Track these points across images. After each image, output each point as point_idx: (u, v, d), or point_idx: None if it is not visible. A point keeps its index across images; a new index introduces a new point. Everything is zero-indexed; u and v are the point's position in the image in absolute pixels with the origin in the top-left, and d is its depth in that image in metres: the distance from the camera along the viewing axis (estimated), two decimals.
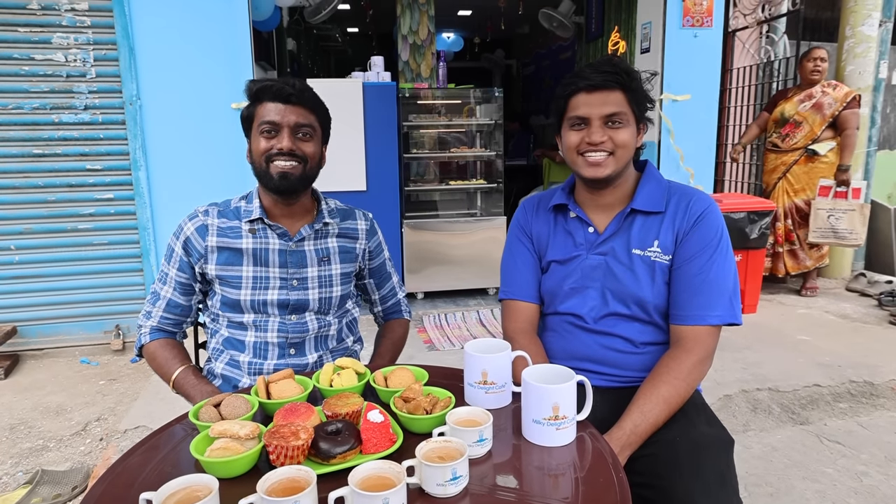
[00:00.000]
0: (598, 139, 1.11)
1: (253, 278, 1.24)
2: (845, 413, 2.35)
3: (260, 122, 1.19)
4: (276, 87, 1.19)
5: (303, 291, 1.27)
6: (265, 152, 1.20)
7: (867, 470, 1.97)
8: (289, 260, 1.26)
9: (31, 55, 2.81)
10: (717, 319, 1.10)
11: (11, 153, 2.86)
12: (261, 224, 1.25)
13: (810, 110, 3.51)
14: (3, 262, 2.93)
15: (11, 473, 2.00)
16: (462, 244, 3.70)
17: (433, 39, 4.91)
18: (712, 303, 1.10)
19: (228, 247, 1.24)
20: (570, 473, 0.83)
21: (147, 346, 1.27)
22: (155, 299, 1.28)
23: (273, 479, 0.74)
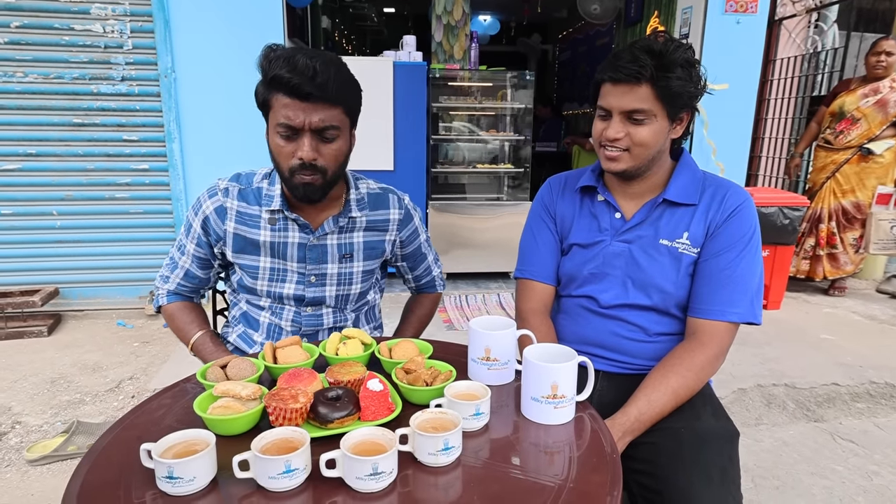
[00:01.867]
0: (612, 135, 1.07)
1: (270, 269, 1.19)
2: (862, 413, 2.31)
3: (278, 121, 1.04)
4: (294, 81, 1.00)
5: (320, 288, 1.22)
6: (287, 160, 1.07)
7: (879, 470, 1.93)
8: (308, 255, 1.19)
9: (70, 25, 2.90)
10: (737, 317, 1.07)
11: (53, 122, 2.98)
12: (281, 215, 1.17)
13: (872, 107, 3.25)
14: (46, 227, 3.09)
15: (51, 422, 2.13)
16: (486, 228, 3.68)
17: (468, 20, 4.83)
18: (734, 300, 1.07)
19: (246, 236, 1.18)
20: (564, 452, 0.83)
21: (165, 308, 1.27)
22: (173, 267, 1.26)
23: (268, 438, 0.76)
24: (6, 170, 3.00)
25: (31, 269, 3.12)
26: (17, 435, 2.07)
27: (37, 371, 2.51)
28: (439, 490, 0.75)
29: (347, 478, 0.72)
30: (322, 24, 5.16)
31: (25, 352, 2.71)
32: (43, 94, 2.95)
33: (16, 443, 2.02)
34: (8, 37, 2.87)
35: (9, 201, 3.03)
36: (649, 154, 1.09)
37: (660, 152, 1.11)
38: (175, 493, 0.71)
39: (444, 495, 0.74)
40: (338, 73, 1.04)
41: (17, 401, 2.27)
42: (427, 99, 3.52)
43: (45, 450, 1.93)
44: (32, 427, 2.11)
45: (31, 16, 2.87)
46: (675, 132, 1.10)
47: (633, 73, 1.02)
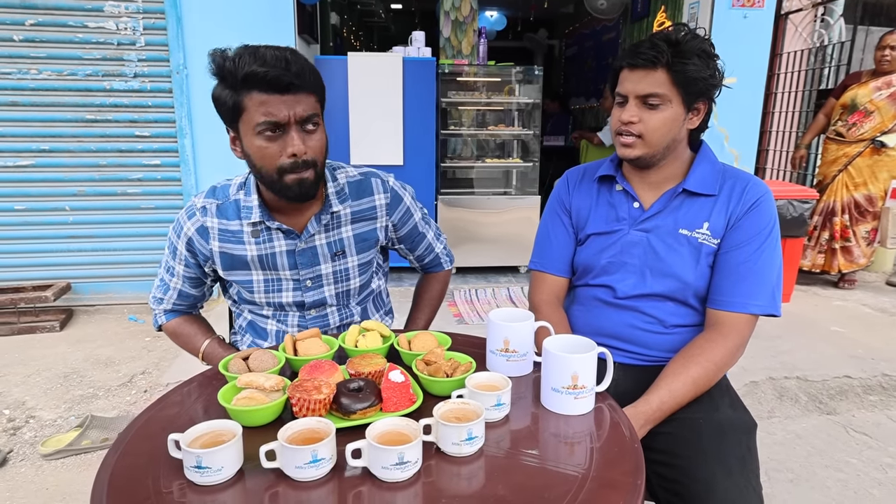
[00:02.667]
0: (627, 118, 1.08)
1: (264, 281, 1.16)
2: (875, 406, 2.30)
3: (258, 121, 0.97)
4: (271, 74, 0.94)
5: (318, 290, 1.18)
6: (275, 161, 1.00)
7: (893, 463, 1.93)
8: (298, 261, 1.14)
9: (84, 23, 2.93)
10: (758, 309, 1.07)
11: (66, 118, 3.01)
12: (263, 226, 1.11)
13: (886, 100, 3.23)
14: (59, 222, 3.12)
15: (65, 417, 2.16)
16: (495, 222, 3.69)
17: (475, 16, 4.82)
18: (755, 291, 1.07)
19: (232, 253, 1.13)
20: (585, 442, 0.83)
21: (166, 326, 1.25)
22: (165, 289, 1.22)
23: (294, 428, 0.77)
24: (20, 166, 3.03)
25: (44, 265, 3.15)
26: (32, 429, 2.09)
27: (50, 366, 2.54)
28: (462, 480, 0.75)
29: (373, 467, 0.73)
30: (331, 20, 5.16)
31: (38, 347, 2.74)
32: (56, 91, 2.98)
33: (30, 437, 2.04)
34: (23, 34, 2.90)
35: (22, 197, 3.07)
36: (663, 141, 1.09)
37: (675, 141, 1.11)
38: (203, 482, 0.72)
39: (468, 485, 0.74)
40: (305, 60, 1.00)
41: (31, 395, 2.30)
42: (436, 94, 3.53)
43: (59, 444, 1.94)
44: (46, 421, 2.13)
45: (46, 13, 2.89)
46: (692, 122, 1.11)
47: (650, 57, 1.04)
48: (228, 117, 1.02)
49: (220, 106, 1.01)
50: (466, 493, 0.72)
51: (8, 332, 2.85)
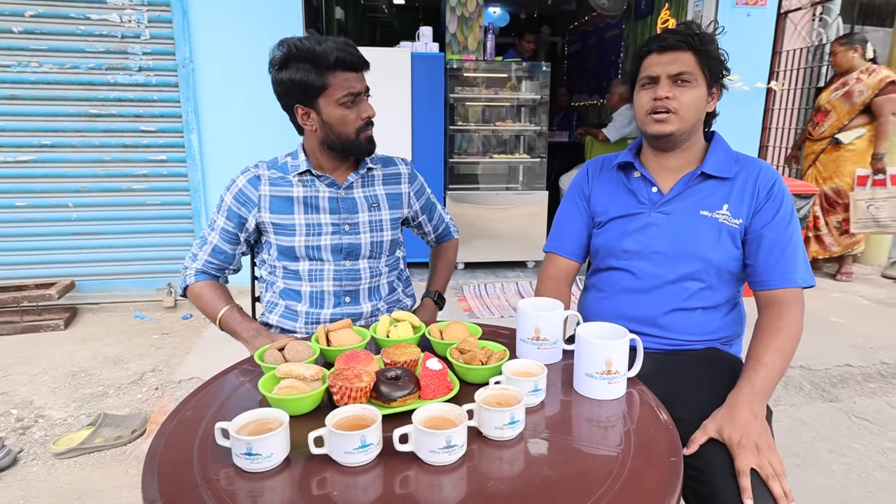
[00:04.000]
0: (663, 94, 1.14)
1: (306, 225, 1.28)
2: (875, 392, 2.37)
3: (342, 94, 1.20)
4: (352, 56, 1.19)
5: (355, 236, 1.32)
6: (354, 124, 1.23)
7: (894, 447, 2.00)
8: (340, 206, 1.31)
9: (86, 14, 2.88)
10: (802, 281, 1.12)
11: (69, 112, 2.97)
12: (309, 175, 1.30)
13: (840, 99, 3.44)
14: (62, 219, 3.08)
15: (75, 415, 2.15)
16: (503, 217, 3.70)
17: (481, 12, 4.82)
18: (796, 266, 1.12)
19: (281, 195, 1.28)
20: (619, 425, 0.85)
21: (192, 287, 1.33)
22: (202, 243, 1.34)
23: (340, 415, 0.78)
24: (21, 161, 2.99)
25: (47, 262, 3.12)
26: (41, 428, 2.08)
27: (56, 365, 2.52)
28: (504, 463, 0.77)
29: (420, 451, 0.74)
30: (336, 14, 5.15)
31: (42, 345, 2.72)
32: (58, 85, 2.94)
33: (40, 436, 2.03)
34: (22, 26, 2.85)
35: (24, 193, 3.03)
36: (693, 118, 1.16)
37: (698, 122, 1.18)
38: (253, 469, 0.73)
39: (510, 468, 0.76)
40: None
41: (39, 394, 2.28)
42: (444, 90, 3.52)
43: (71, 442, 1.93)
44: (56, 420, 2.12)
45: (46, 5, 2.85)
46: (710, 105, 1.19)
47: (680, 39, 1.14)
48: (308, 96, 1.21)
49: (300, 87, 1.20)
50: (511, 475, 0.74)
51: (11, 331, 2.83)
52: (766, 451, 0.90)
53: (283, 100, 1.25)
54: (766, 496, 0.86)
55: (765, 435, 0.92)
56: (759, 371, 1.01)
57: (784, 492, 0.86)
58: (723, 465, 0.91)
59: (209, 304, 1.29)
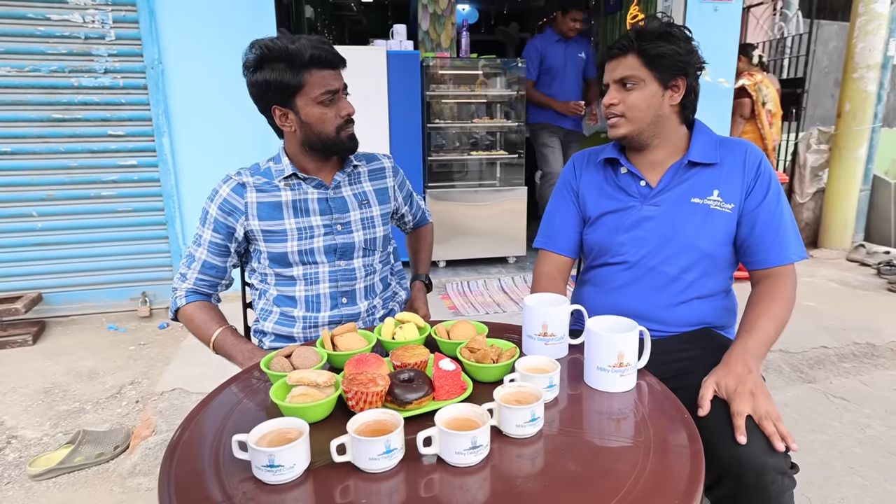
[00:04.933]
0: (608, 101, 1.19)
1: (297, 230, 1.26)
2: (849, 372, 2.48)
3: (320, 93, 1.18)
4: (328, 53, 1.18)
5: (348, 235, 1.30)
6: (334, 122, 1.21)
7: (870, 423, 2.10)
8: (331, 206, 1.29)
9: (45, 15, 2.75)
10: (796, 256, 1.17)
11: (30, 117, 2.84)
12: (295, 179, 1.27)
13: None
14: (26, 229, 2.94)
15: (52, 434, 2.05)
16: (483, 214, 3.71)
17: (453, 9, 4.82)
18: (788, 242, 1.16)
19: (268, 201, 1.25)
20: (633, 416, 0.86)
21: (183, 309, 1.28)
22: (190, 261, 1.29)
23: (360, 421, 0.77)
24: None
25: (11, 275, 2.97)
26: (15, 450, 1.98)
27: (26, 382, 2.40)
28: (526, 460, 0.77)
29: (445, 454, 0.73)
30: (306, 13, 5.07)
31: (10, 362, 2.59)
32: (18, 89, 2.80)
33: (14, 458, 1.93)
34: None
35: None
36: (646, 118, 1.18)
37: (659, 117, 1.19)
38: (275, 480, 0.71)
39: (533, 464, 0.76)
40: None
41: (10, 414, 2.17)
42: (421, 88, 3.51)
43: (49, 463, 1.85)
44: (31, 440, 2.02)
45: (2, 4, 2.71)
46: (673, 98, 1.19)
47: (619, 46, 1.18)
48: (285, 95, 1.19)
49: (276, 87, 1.17)
50: (537, 471, 0.74)
51: None
52: (761, 397, 0.94)
53: (259, 102, 1.23)
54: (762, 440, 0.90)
55: (760, 385, 0.97)
56: (753, 334, 1.06)
57: (782, 434, 0.90)
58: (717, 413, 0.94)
59: (201, 326, 1.25)
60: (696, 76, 1.20)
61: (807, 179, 4.27)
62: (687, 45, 1.17)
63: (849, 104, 3.91)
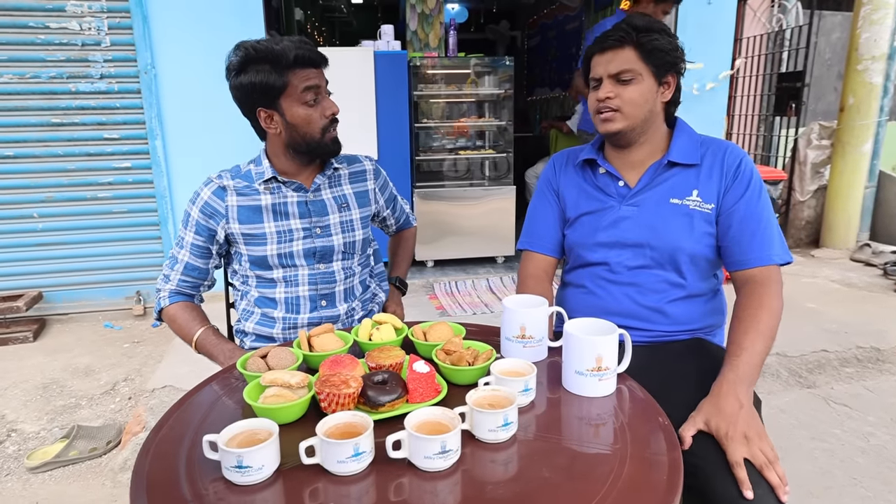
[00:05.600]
0: (603, 94, 1.15)
1: (277, 233, 1.26)
2: (852, 377, 2.38)
3: (303, 92, 1.18)
4: (310, 55, 1.17)
5: (327, 238, 1.29)
6: (319, 123, 1.21)
7: (874, 431, 2.01)
8: (310, 209, 1.28)
9: (45, 23, 2.80)
10: (778, 258, 1.12)
11: (31, 122, 2.88)
12: (274, 182, 1.27)
13: None
14: (27, 230, 2.98)
15: (48, 428, 2.08)
16: (471, 213, 3.70)
17: (441, 9, 4.81)
18: (770, 243, 1.13)
19: (248, 205, 1.25)
20: (612, 422, 0.85)
21: (167, 310, 1.29)
22: (173, 263, 1.30)
23: (330, 423, 0.77)
24: None
25: (13, 274, 3.01)
26: (14, 443, 2.01)
27: (26, 377, 2.44)
28: (499, 465, 0.76)
29: (415, 458, 0.73)
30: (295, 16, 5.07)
31: (12, 358, 2.62)
32: (19, 95, 2.85)
33: (13, 451, 1.97)
34: None
35: None
36: (641, 114, 1.16)
37: (652, 114, 1.17)
38: (244, 482, 0.71)
39: (506, 470, 0.75)
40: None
41: (10, 408, 2.21)
42: (408, 87, 3.50)
43: (45, 456, 1.89)
44: (29, 434, 2.06)
45: (4, 14, 2.76)
46: (664, 95, 1.18)
47: (617, 37, 1.14)
48: (270, 97, 1.18)
49: (261, 89, 1.16)
50: (508, 478, 0.73)
51: None
52: (756, 440, 0.89)
53: (243, 105, 1.21)
54: (760, 483, 0.86)
55: (753, 423, 0.91)
56: (741, 356, 1.00)
57: (780, 478, 0.86)
58: (714, 455, 0.90)
59: (184, 326, 1.26)
60: (682, 73, 1.19)
61: (807, 176, 4.18)
62: (676, 41, 1.16)
63: (852, 97, 3.77)
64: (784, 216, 4.30)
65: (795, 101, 4.11)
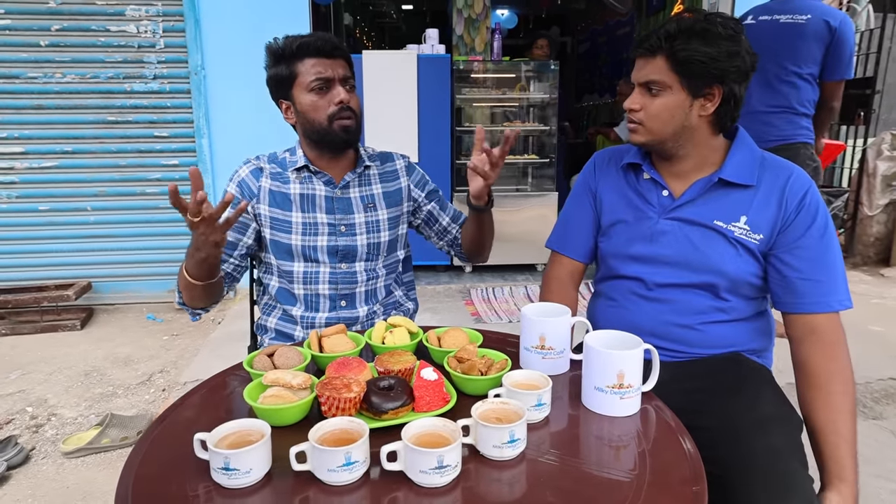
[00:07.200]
0: (628, 104, 1.08)
1: (302, 224, 1.26)
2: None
3: (310, 80, 1.19)
4: (319, 41, 1.19)
5: (350, 237, 1.28)
6: (325, 109, 1.20)
7: None
8: (336, 206, 1.28)
9: (106, 27, 2.96)
10: (840, 305, 1.01)
11: (88, 120, 3.04)
12: (306, 172, 1.28)
13: None
14: (80, 222, 3.15)
15: (85, 415, 2.16)
16: (512, 219, 3.64)
17: (488, 13, 4.79)
18: (835, 287, 1.01)
19: (279, 190, 1.27)
20: (634, 446, 0.77)
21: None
22: None
23: (325, 429, 0.73)
24: (44, 167, 3.07)
25: (66, 264, 3.17)
26: (53, 427, 2.09)
27: (71, 364, 2.55)
28: (504, 485, 0.70)
29: (410, 471, 0.68)
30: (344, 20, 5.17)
31: (59, 345, 2.75)
32: (79, 94, 3.02)
33: (51, 435, 2.04)
34: (49, 39, 2.95)
35: (46, 197, 3.10)
36: (667, 129, 1.05)
37: (686, 129, 1.05)
38: (230, 485, 0.68)
39: (510, 491, 0.69)
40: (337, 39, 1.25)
41: (53, 393, 2.31)
42: (451, 91, 3.49)
43: (79, 442, 1.94)
44: (67, 419, 2.13)
45: (70, 19, 2.94)
46: (705, 108, 1.04)
47: (648, 45, 1.04)
48: (283, 88, 1.22)
49: (276, 81, 1.23)
50: (510, 499, 0.68)
51: (31, 330, 2.88)
52: None
53: (273, 98, 1.27)
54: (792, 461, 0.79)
55: None
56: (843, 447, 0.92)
57: None
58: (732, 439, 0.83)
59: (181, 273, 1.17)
60: (738, 82, 1.02)
61: (877, 189, 3.90)
62: (731, 45, 0.99)
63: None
64: (850, 232, 4.01)
65: (864, 110, 3.83)
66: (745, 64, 1.01)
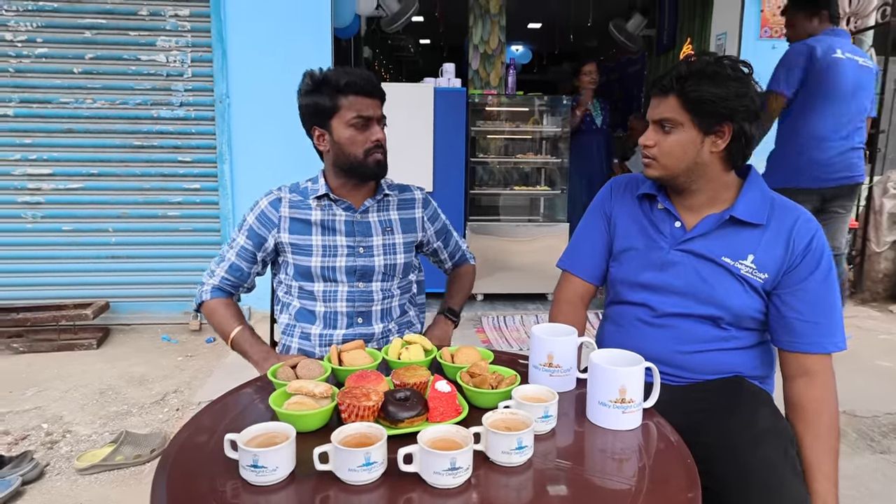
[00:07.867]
0: (643, 140, 1.14)
1: (322, 247, 1.33)
2: None
3: (352, 116, 1.27)
4: (362, 80, 1.27)
5: (369, 258, 1.35)
6: (362, 145, 1.29)
7: None
8: (356, 229, 1.35)
9: (137, 56, 3.11)
10: (834, 347, 1.06)
11: (115, 144, 3.16)
12: (327, 200, 1.35)
13: None
14: (102, 243, 3.23)
15: (100, 432, 2.19)
16: (524, 249, 3.70)
17: (503, 49, 4.98)
18: (832, 329, 1.07)
19: (299, 218, 1.34)
20: (635, 457, 0.82)
21: (207, 303, 1.37)
22: (220, 260, 1.39)
23: (346, 432, 0.78)
24: (70, 189, 3.18)
25: (85, 283, 3.25)
26: (68, 444, 2.12)
27: (87, 382, 2.59)
28: (511, 490, 0.75)
29: (424, 473, 0.73)
30: (364, 53, 5.38)
31: (76, 363, 2.80)
32: (108, 119, 3.14)
33: (66, 451, 2.07)
34: (82, 67, 3.10)
35: (70, 218, 3.20)
36: (680, 164, 1.10)
37: (698, 165, 1.10)
38: (258, 482, 0.73)
39: (517, 496, 0.74)
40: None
41: (69, 410, 2.34)
42: (466, 123, 3.61)
43: (94, 459, 1.96)
44: (82, 436, 2.16)
45: (104, 48, 3.10)
46: (716, 145, 1.09)
47: (662, 85, 1.11)
48: (322, 117, 1.30)
49: (314, 109, 1.30)
50: (521, 502, 0.72)
51: (49, 348, 2.93)
52: None
53: (304, 123, 1.34)
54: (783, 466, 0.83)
55: None
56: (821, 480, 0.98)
57: None
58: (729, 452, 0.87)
59: (223, 321, 1.33)
60: (748, 120, 1.07)
61: (884, 227, 3.95)
62: (739, 86, 1.05)
63: None
64: (858, 268, 4.04)
65: (870, 148, 3.91)
66: (754, 104, 1.07)
